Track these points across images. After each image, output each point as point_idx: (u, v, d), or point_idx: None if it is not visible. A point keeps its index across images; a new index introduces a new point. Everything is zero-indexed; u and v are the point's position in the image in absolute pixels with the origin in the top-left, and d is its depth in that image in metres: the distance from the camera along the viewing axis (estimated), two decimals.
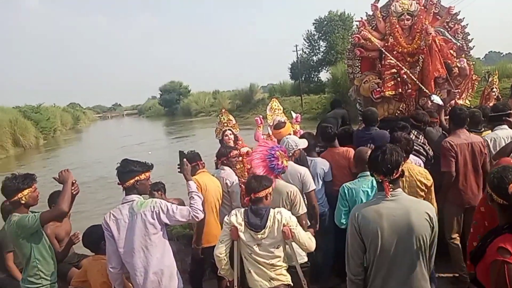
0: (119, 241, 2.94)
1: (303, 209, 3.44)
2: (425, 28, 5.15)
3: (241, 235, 2.89)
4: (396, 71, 5.45)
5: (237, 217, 2.94)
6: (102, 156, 21.57)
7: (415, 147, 3.99)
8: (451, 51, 5.31)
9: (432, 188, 3.57)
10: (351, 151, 4.34)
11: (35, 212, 3.12)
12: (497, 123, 4.41)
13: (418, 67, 5.44)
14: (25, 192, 3.05)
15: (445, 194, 4.07)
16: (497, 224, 2.14)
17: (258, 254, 2.87)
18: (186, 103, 62.20)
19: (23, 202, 3.07)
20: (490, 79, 6.63)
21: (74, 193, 3.20)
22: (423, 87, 5.26)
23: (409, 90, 5.47)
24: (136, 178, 2.99)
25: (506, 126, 4.34)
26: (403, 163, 2.42)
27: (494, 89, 6.35)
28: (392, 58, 5.38)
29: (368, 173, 3.27)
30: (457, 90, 5.18)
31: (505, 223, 2.02)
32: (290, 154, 3.86)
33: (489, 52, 72.93)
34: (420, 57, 5.36)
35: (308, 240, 2.98)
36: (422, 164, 4.01)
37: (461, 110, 4.22)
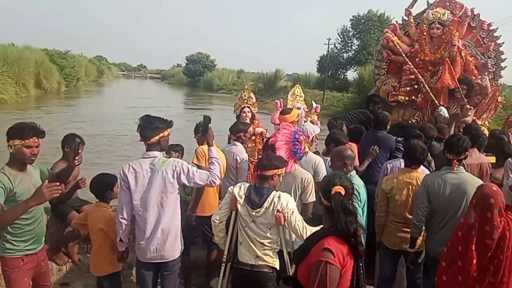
0: (135, 193, 2.97)
1: (312, 198, 3.48)
2: (451, 39, 5.08)
3: (239, 207, 2.96)
4: (414, 77, 5.43)
5: (240, 190, 3.00)
6: (112, 114, 21.66)
7: None
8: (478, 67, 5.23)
9: None
10: (354, 146, 4.39)
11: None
12: None
13: (436, 77, 5.39)
14: (16, 142, 2.77)
15: None
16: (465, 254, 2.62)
17: (252, 229, 2.92)
18: (209, 77, 61.84)
19: (11, 151, 2.81)
20: None
21: (77, 164, 3.29)
22: (433, 97, 5.22)
23: (420, 99, 5.45)
24: (161, 134, 3.02)
25: None
26: (470, 149, 3.34)
27: None
28: (410, 64, 5.33)
29: (354, 172, 3.55)
30: (470, 107, 5.10)
31: (329, 226, 2.07)
32: (310, 140, 3.90)
33: None
34: (441, 68, 5.30)
35: (301, 229, 2.88)
36: None
37: (477, 130, 4.21)
